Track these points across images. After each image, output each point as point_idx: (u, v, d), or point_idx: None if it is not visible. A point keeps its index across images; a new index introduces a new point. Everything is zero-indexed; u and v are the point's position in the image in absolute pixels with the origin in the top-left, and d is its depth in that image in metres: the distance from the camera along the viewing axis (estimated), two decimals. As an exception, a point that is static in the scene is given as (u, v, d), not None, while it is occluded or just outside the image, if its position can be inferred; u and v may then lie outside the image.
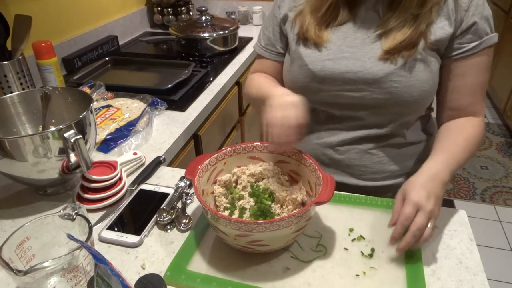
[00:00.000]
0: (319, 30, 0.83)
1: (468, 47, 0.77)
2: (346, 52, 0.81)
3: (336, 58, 0.81)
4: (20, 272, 0.54)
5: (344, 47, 0.81)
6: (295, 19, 0.87)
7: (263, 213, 0.71)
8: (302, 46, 0.86)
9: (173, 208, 0.80)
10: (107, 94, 1.27)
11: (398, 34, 0.76)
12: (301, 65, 0.85)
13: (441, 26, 0.77)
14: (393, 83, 0.78)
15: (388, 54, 0.77)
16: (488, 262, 1.89)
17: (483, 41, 0.77)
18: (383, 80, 0.78)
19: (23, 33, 1.15)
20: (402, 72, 0.77)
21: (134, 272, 0.68)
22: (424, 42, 0.77)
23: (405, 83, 0.78)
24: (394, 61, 0.77)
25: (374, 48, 0.79)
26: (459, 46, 0.78)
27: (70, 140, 0.75)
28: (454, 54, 0.79)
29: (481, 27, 0.76)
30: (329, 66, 0.82)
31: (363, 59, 0.80)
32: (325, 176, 0.69)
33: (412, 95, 0.78)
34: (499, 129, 3.02)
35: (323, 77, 0.82)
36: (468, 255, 0.69)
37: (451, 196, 2.34)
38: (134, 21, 2.05)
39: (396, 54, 0.77)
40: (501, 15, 3.21)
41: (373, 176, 0.89)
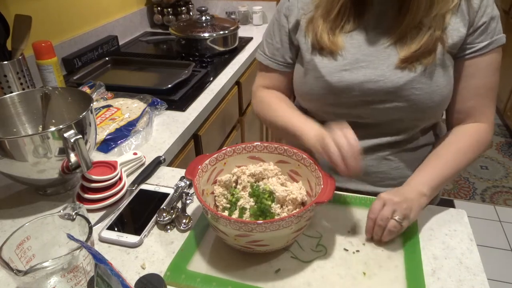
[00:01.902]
0: (333, 35, 0.81)
1: (478, 47, 0.77)
2: (363, 61, 0.79)
3: (353, 68, 0.79)
4: (20, 272, 0.54)
5: (360, 56, 0.80)
6: (308, 27, 0.84)
7: (263, 213, 0.71)
8: (317, 55, 0.83)
9: (173, 208, 0.80)
10: (107, 94, 1.27)
11: (412, 43, 0.75)
12: (317, 77, 0.82)
13: (457, 28, 0.76)
14: (415, 91, 0.77)
15: (405, 63, 0.76)
16: (488, 262, 1.89)
17: (493, 41, 0.77)
18: (404, 88, 0.77)
19: (23, 33, 1.15)
20: (423, 79, 0.76)
21: (134, 272, 0.68)
22: (442, 46, 0.76)
23: (426, 89, 0.77)
24: (414, 69, 0.76)
25: (391, 55, 0.78)
26: (469, 46, 0.77)
27: (70, 140, 0.75)
28: (464, 54, 0.78)
29: (490, 27, 0.76)
30: (347, 76, 0.79)
31: (381, 68, 0.78)
32: (325, 176, 0.69)
33: (434, 101, 0.78)
34: (499, 129, 3.02)
35: (341, 88, 0.80)
36: (468, 255, 0.69)
37: (451, 196, 2.34)
38: (134, 21, 2.05)
39: (415, 62, 0.76)
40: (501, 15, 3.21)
41: (391, 182, 0.88)
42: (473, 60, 0.78)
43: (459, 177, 2.49)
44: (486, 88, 0.80)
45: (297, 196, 0.73)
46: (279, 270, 0.67)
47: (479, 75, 0.79)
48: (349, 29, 0.81)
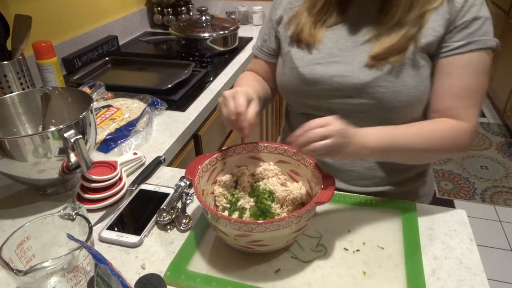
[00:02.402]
0: (314, 28, 0.83)
1: (454, 46, 0.74)
2: (337, 56, 0.81)
3: (326, 62, 0.81)
4: (20, 272, 0.54)
5: (335, 51, 0.81)
6: (290, 21, 0.87)
7: (263, 213, 0.71)
8: (294, 47, 0.86)
9: (173, 208, 0.80)
10: (107, 94, 1.27)
11: (386, 40, 0.75)
12: (291, 68, 0.85)
13: (433, 27, 0.74)
14: (380, 88, 0.76)
15: (374, 60, 0.76)
16: (488, 262, 1.89)
17: (473, 42, 0.73)
18: (370, 85, 0.77)
19: (23, 33, 1.15)
20: (390, 78, 0.76)
21: (134, 272, 0.68)
22: (414, 46, 0.75)
23: (392, 88, 0.76)
24: (381, 67, 0.76)
25: (364, 52, 0.78)
26: (445, 45, 0.75)
27: (70, 140, 0.75)
28: (440, 52, 0.76)
29: (472, 27, 0.73)
30: (319, 69, 0.82)
31: (352, 64, 0.79)
32: (325, 176, 0.69)
33: (400, 100, 0.77)
34: (499, 129, 3.02)
35: (312, 80, 0.82)
36: (468, 255, 0.69)
37: (451, 196, 2.34)
38: (134, 21, 2.05)
39: (383, 60, 0.75)
40: (501, 15, 3.21)
41: (364, 182, 0.89)
42: (449, 59, 0.75)
43: (459, 177, 2.49)
44: (465, 89, 0.75)
45: (297, 196, 0.73)
46: (279, 270, 0.67)
47: (456, 75, 0.75)
48: (331, 23, 0.83)
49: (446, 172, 2.55)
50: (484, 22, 0.74)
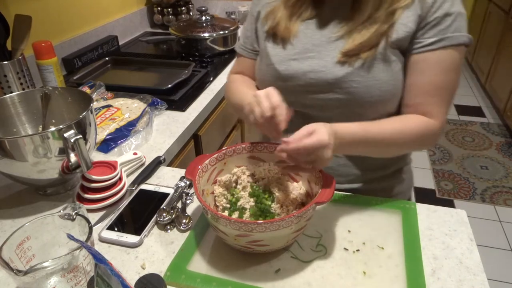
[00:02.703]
0: (290, 21, 0.84)
1: (426, 42, 0.74)
2: (312, 51, 0.81)
3: (301, 58, 0.82)
4: (20, 272, 0.54)
5: (310, 46, 0.82)
6: (267, 16, 0.88)
7: (263, 213, 0.71)
8: (270, 42, 0.87)
9: (173, 208, 0.80)
10: (107, 94, 1.27)
11: (358, 36, 0.76)
12: (268, 64, 0.86)
13: (405, 23, 0.74)
14: (353, 83, 0.77)
15: (346, 56, 0.76)
16: (488, 262, 1.89)
17: (445, 38, 0.73)
18: (343, 80, 0.77)
19: (23, 33, 1.15)
20: (361, 72, 0.76)
21: (134, 272, 0.68)
22: (385, 41, 0.75)
23: (364, 83, 0.76)
24: (353, 63, 0.76)
25: (337, 48, 0.79)
26: (417, 41, 0.75)
27: (70, 140, 0.75)
28: (412, 48, 0.76)
29: (444, 23, 0.73)
30: (294, 65, 0.82)
31: (326, 59, 0.80)
32: (325, 176, 0.69)
33: (372, 95, 0.76)
34: (499, 129, 3.02)
35: (288, 76, 0.83)
36: (468, 255, 0.69)
37: (451, 196, 2.34)
38: (134, 21, 2.05)
39: (355, 56, 0.76)
40: (501, 15, 3.21)
41: (338, 179, 0.87)
42: (422, 56, 0.75)
43: (459, 177, 2.49)
44: (436, 86, 0.75)
45: (297, 196, 0.73)
46: (279, 270, 0.67)
47: (427, 72, 0.75)
48: (306, 17, 0.84)
49: (446, 172, 2.55)
50: (456, 18, 0.73)
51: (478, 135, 2.94)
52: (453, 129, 3.03)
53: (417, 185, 2.45)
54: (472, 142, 2.86)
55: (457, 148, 2.80)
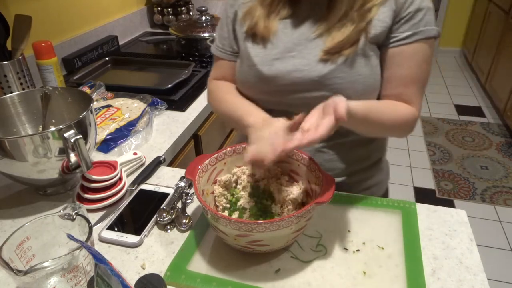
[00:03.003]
0: (268, 20, 0.84)
1: (401, 36, 0.77)
2: (293, 51, 0.82)
3: (283, 57, 0.82)
4: (20, 272, 0.54)
5: (290, 45, 0.82)
6: (245, 17, 0.87)
7: (263, 213, 0.71)
8: (250, 43, 0.86)
9: (173, 208, 0.80)
10: (107, 94, 1.27)
11: (338, 34, 0.78)
12: (250, 65, 0.85)
13: (382, 19, 0.77)
14: (337, 80, 0.78)
15: (328, 54, 0.78)
16: (488, 262, 1.89)
17: (418, 32, 0.77)
18: (327, 77, 0.79)
19: (23, 33, 1.15)
20: (345, 68, 0.78)
21: (134, 272, 0.68)
22: (364, 37, 0.78)
23: (348, 78, 0.78)
24: (336, 60, 0.78)
25: (318, 46, 0.80)
26: (393, 36, 0.78)
27: (70, 140, 0.75)
28: (389, 43, 0.79)
29: (416, 17, 0.77)
30: (277, 65, 0.82)
31: (308, 58, 0.81)
32: (325, 176, 0.69)
33: (356, 90, 0.79)
34: (499, 129, 3.02)
35: (271, 77, 0.83)
36: (468, 255, 0.69)
37: (451, 196, 2.34)
38: (134, 21, 2.05)
39: (337, 53, 0.78)
40: (501, 15, 3.21)
41: None
42: (397, 50, 0.79)
43: (459, 177, 2.49)
44: (413, 77, 0.80)
45: (297, 196, 0.73)
46: (279, 270, 0.67)
47: (404, 65, 0.79)
48: (284, 15, 0.84)
49: (446, 172, 2.55)
50: (426, 12, 0.77)
51: (478, 135, 2.95)
52: (453, 129, 3.03)
53: (417, 185, 2.45)
54: (472, 142, 2.86)
55: (457, 148, 2.80)
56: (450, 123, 3.12)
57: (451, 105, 3.42)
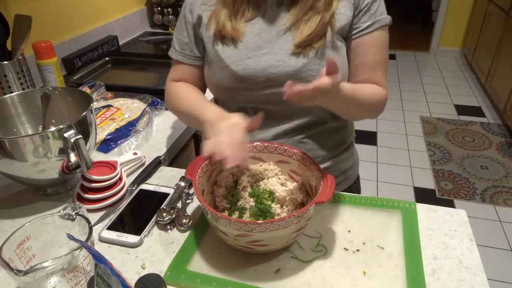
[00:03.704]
0: (235, 20, 0.85)
1: (363, 27, 0.83)
2: (264, 48, 0.84)
3: (254, 56, 0.84)
4: (20, 272, 0.54)
5: (261, 43, 0.84)
6: (210, 20, 0.87)
7: (263, 213, 0.71)
8: (220, 45, 0.86)
9: (173, 208, 0.80)
10: (107, 94, 1.27)
11: (305, 28, 0.81)
12: (222, 67, 0.86)
13: (344, 12, 0.82)
14: (311, 72, 0.82)
15: (299, 48, 0.81)
16: (488, 262, 1.89)
17: (376, 21, 0.83)
18: (302, 70, 0.82)
19: (23, 33, 1.15)
20: (317, 61, 0.82)
21: (134, 272, 0.68)
22: (331, 30, 0.82)
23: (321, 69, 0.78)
24: (307, 53, 0.82)
25: (288, 41, 0.83)
26: (355, 27, 0.84)
27: (70, 140, 0.75)
28: (352, 34, 0.85)
29: (373, 8, 0.83)
30: (250, 64, 0.84)
31: (280, 53, 0.83)
32: (325, 176, 0.69)
33: None
34: (499, 129, 3.02)
35: (246, 75, 0.84)
36: (468, 255, 0.69)
37: (451, 196, 2.34)
38: (134, 21, 2.05)
39: (308, 46, 0.81)
40: (501, 15, 3.21)
41: None
42: (361, 39, 0.84)
43: (459, 177, 2.49)
44: (377, 63, 0.86)
45: (297, 196, 0.73)
46: (279, 270, 0.67)
47: (369, 52, 0.85)
48: (249, 17, 0.85)
49: (446, 172, 2.55)
50: (380, 2, 0.85)
51: (478, 135, 2.95)
52: (453, 129, 3.03)
53: (417, 185, 2.45)
54: (472, 142, 2.86)
55: (457, 148, 2.80)
56: (450, 123, 3.12)
57: (451, 105, 3.42)
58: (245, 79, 0.85)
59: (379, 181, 2.49)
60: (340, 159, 0.97)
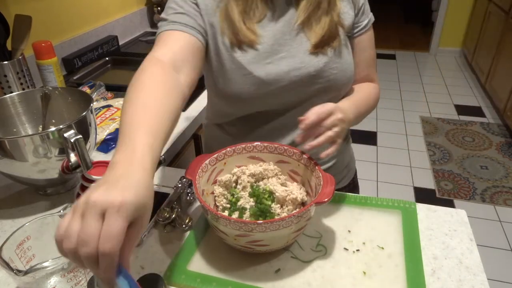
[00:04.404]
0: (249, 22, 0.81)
1: (362, 25, 0.89)
2: (281, 52, 0.83)
3: (274, 60, 0.82)
4: (20, 272, 0.54)
5: (277, 46, 0.83)
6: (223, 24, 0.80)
7: (263, 213, 0.71)
8: (238, 52, 0.81)
9: (173, 208, 0.80)
10: (107, 94, 1.27)
11: (317, 28, 0.83)
12: (244, 74, 0.81)
13: (347, 12, 0.86)
14: (332, 70, 0.84)
15: (318, 48, 0.83)
16: (488, 262, 1.89)
17: (370, 19, 0.90)
18: (324, 70, 0.83)
19: (23, 33, 1.15)
20: (336, 60, 0.84)
21: (134, 272, 0.68)
22: (342, 30, 0.86)
23: (340, 68, 0.85)
24: (326, 52, 0.84)
25: (303, 42, 0.83)
26: (356, 25, 0.89)
27: (70, 140, 0.75)
28: (354, 32, 0.89)
29: (366, 8, 0.90)
30: (272, 69, 0.82)
31: (298, 55, 0.83)
32: (325, 176, 0.69)
33: (347, 77, 0.87)
34: (499, 129, 3.02)
35: (271, 80, 0.82)
36: (468, 255, 0.69)
37: (451, 196, 2.34)
38: (134, 21, 2.05)
39: (325, 46, 0.83)
40: (501, 15, 3.21)
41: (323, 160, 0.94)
42: (361, 37, 0.90)
43: (459, 177, 2.49)
44: (372, 58, 0.94)
45: (297, 196, 0.73)
46: (279, 270, 0.67)
47: (367, 49, 0.92)
48: (258, 17, 0.82)
49: (446, 172, 2.55)
50: (365, 2, 0.90)
51: (478, 135, 2.95)
52: (453, 129, 3.03)
53: (417, 185, 2.45)
54: (472, 142, 2.86)
55: (457, 148, 2.80)
56: (450, 123, 3.12)
57: (451, 105, 3.42)
58: (269, 84, 0.82)
59: (379, 181, 2.49)
60: (343, 151, 0.99)
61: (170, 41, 0.74)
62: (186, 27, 0.76)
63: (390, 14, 1.31)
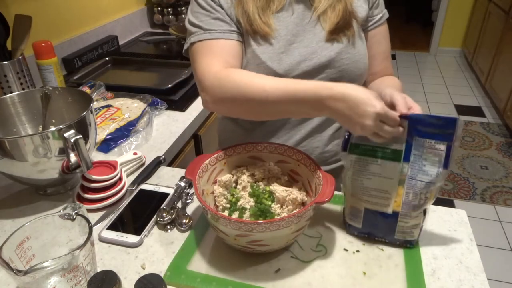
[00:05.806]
0: (263, 14, 0.81)
1: (377, 18, 0.91)
2: (294, 42, 0.84)
3: (287, 50, 0.83)
4: (20, 272, 0.54)
5: (290, 37, 0.83)
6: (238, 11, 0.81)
7: (263, 213, 0.71)
8: (252, 42, 0.82)
9: (173, 208, 0.80)
10: (107, 94, 1.27)
11: (332, 15, 0.83)
12: (258, 64, 0.83)
13: (361, 5, 0.87)
14: (345, 60, 0.85)
15: (333, 35, 0.83)
16: (488, 262, 1.89)
17: (384, 13, 0.92)
18: (336, 59, 0.84)
19: (23, 33, 1.15)
20: (349, 49, 0.85)
21: (134, 272, 0.68)
22: (356, 21, 0.86)
23: (353, 58, 0.85)
24: (340, 40, 0.84)
25: (317, 31, 0.84)
26: (371, 18, 0.90)
27: (70, 140, 0.75)
28: (369, 25, 0.90)
29: (380, 2, 0.91)
30: (286, 59, 0.83)
31: (311, 45, 0.84)
32: (325, 176, 0.69)
33: (359, 68, 0.87)
34: (499, 129, 3.02)
35: (284, 70, 0.83)
36: (468, 255, 0.69)
37: (451, 196, 2.34)
38: (134, 21, 2.05)
39: (340, 33, 0.84)
40: (501, 15, 3.21)
41: (336, 158, 0.97)
42: (377, 30, 0.91)
43: (459, 177, 2.49)
44: (388, 51, 0.95)
45: (297, 196, 0.73)
46: (279, 270, 0.67)
47: (383, 42, 0.93)
48: (275, 9, 0.83)
49: (446, 172, 2.55)
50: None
51: (478, 135, 2.95)
52: (453, 129, 3.03)
53: (417, 185, 2.45)
54: (472, 142, 2.86)
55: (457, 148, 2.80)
56: (450, 123, 3.11)
57: (451, 105, 3.41)
58: (282, 75, 0.83)
59: (379, 181, 2.49)
60: None
61: (218, 51, 0.80)
62: (226, 33, 0.81)
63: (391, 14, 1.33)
